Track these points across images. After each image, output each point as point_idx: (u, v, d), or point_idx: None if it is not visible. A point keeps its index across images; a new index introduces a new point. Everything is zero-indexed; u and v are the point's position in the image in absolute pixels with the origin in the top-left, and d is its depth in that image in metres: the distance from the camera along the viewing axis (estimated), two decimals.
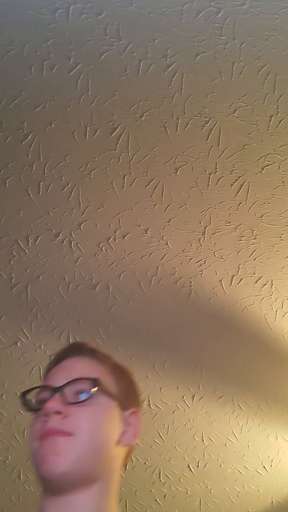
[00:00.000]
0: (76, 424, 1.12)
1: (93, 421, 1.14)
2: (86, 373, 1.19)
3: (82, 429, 1.11)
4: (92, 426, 1.13)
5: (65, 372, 1.19)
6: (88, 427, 1.12)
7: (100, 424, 1.15)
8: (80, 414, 1.13)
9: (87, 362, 1.23)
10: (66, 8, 1.49)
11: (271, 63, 1.59)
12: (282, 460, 2.55)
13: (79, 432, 1.11)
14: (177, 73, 1.61)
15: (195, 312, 2.12)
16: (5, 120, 1.69)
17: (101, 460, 1.13)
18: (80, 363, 1.22)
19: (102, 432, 1.14)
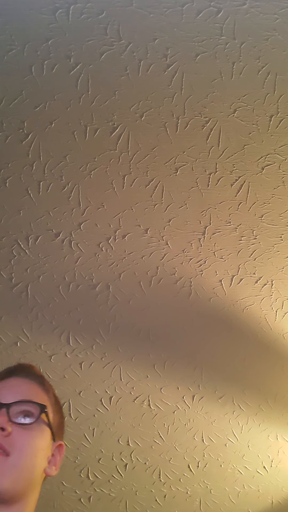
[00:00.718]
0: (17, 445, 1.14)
1: (32, 446, 1.17)
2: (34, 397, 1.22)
3: (21, 452, 1.14)
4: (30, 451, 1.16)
5: (13, 390, 1.21)
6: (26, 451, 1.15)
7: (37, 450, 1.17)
8: (22, 436, 1.16)
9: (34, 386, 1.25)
10: (67, 8, 1.49)
11: (271, 63, 1.59)
12: (282, 460, 2.55)
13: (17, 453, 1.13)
14: (177, 73, 1.61)
15: (195, 312, 2.12)
16: (5, 120, 1.69)
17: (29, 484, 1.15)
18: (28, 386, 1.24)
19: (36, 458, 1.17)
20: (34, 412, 1.19)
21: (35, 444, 1.17)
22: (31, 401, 1.20)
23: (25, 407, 1.19)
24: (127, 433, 2.45)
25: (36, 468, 1.17)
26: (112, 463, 2.55)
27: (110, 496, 2.67)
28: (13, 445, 1.14)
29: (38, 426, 1.19)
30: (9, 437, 1.14)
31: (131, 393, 2.33)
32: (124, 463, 2.56)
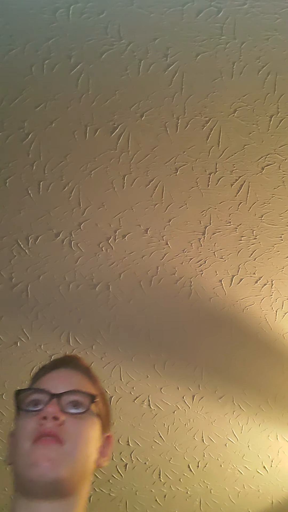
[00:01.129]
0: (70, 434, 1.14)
1: (85, 435, 1.17)
2: (83, 387, 1.23)
3: (74, 441, 1.14)
4: (83, 440, 1.16)
5: (62, 381, 1.22)
6: (80, 440, 1.16)
7: (89, 439, 1.18)
8: (74, 425, 1.16)
9: (82, 377, 1.26)
10: (67, 7, 1.49)
11: (271, 63, 1.59)
12: (282, 460, 2.55)
13: (71, 442, 1.14)
14: (178, 73, 1.61)
15: (195, 312, 2.13)
16: (5, 120, 1.69)
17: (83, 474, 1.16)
18: (76, 377, 1.26)
19: (89, 448, 1.17)
20: (84, 402, 1.19)
21: (87, 433, 1.18)
22: (81, 391, 1.20)
23: (76, 397, 1.19)
24: (127, 433, 2.45)
25: (90, 458, 1.17)
26: (112, 463, 2.55)
27: (110, 496, 2.67)
28: (67, 434, 1.14)
29: (89, 416, 1.19)
30: (63, 426, 1.14)
31: (131, 393, 2.33)
32: (124, 463, 2.56)
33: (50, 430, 1.13)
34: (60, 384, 1.21)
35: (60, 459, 1.11)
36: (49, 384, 1.22)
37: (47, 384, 1.22)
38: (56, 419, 1.14)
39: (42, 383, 1.23)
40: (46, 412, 1.14)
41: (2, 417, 2.39)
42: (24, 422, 1.18)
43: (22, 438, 1.16)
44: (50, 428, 1.13)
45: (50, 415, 1.14)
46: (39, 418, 1.15)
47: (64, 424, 1.15)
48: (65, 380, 1.23)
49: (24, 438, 1.15)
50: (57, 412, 1.15)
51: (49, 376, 1.25)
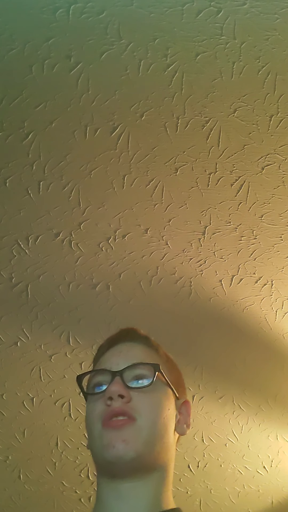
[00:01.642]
0: (140, 409, 1.12)
1: (156, 407, 1.14)
2: (144, 358, 1.19)
3: (146, 415, 1.12)
4: (155, 412, 1.14)
5: (122, 356, 1.19)
6: (151, 413, 1.13)
7: (162, 410, 1.15)
8: (143, 399, 1.13)
9: (142, 348, 1.22)
10: (67, 7, 1.49)
11: (271, 63, 1.59)
12: (282, 460, 2.55)
13: (143, 417, 1.11)
14: (178, 73, 1.61)
15: (195, 312, 2.12)
16: (5, 120, 1.69)
17: (163, 447, 1.13)
18: (136, 349, 1.22)
19: (163, 419, 1.15)
20: (148, 373, 1.16)
21: (158, 404, 1.15)
22: (143, 362, 1.17)
23: (139, 371, 1.16)
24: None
25: (167, 428, 1.15)
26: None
27: None
28: (137, 410, 1.11)
29: (157, 386, 1.16)
30: (131, 403, 1.12)
31: None
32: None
33: (118, 409, 1.11)
34: (121, 360, 1.18)
35: (134, 437, 1.09)
36: (109, 362, 1.19)
37: (108, 362, 1.19)
38: (122, 397, 1.11)
39: (103, 363, 1.20)
40: (111, 392, 1.12)
41: (2, 417, 2.39)
42: (92, 406, 1.16)
43: (92, 421, 1.14)
44: (118, 407, 1.11)
45: (115, 393, 1.11)
46: (105, 399, 1.12)
47: (132, 400, 1.12)
48: (125, 355, 1.19)
49: (94, 422, 1.13)
50: (121, 389, 1.12)
51: (109, 354, 1.21)
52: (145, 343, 1.24)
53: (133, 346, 1.22)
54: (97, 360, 1.25)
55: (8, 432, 2.44)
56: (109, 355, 1.21)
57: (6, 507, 2.68)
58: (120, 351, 1.21)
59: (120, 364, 1.17)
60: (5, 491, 2.64)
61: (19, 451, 2.49)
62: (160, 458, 1.12)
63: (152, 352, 1.23)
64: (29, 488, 2.61)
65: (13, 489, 2.63)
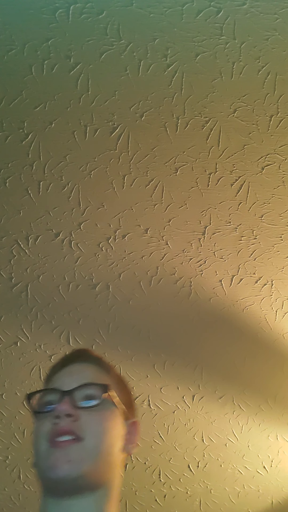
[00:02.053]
0: (87, 428, 1.13)
1: (103, 427, 1.16)
2: (95, 379, 1.21)
3: (93, 434, 1.13)
4: (102, 432, 1.15)
5: (74, 377, 1.21)
6: (98, 433, 1.14)
7: (109, 430, 1.16)
8: (90, 419, 1.14)
9: (93, 369, 1.24)
10: (67, 7, 1.49)
11: (271, 63, 1.59)
12: (282, 460, 2.55)
13: (89, 437, 1.12)
14: (177, 73, 1.61)
15: (195, 312, 2.12)
16: (5, 120, 1.69)
17: (108, 466, 1.15)
18: (88, 369, 1.23)
19: (110, 439, 1.16)
20: (98, 394, 1.17)
21: (105, 424, 1.16)
22: (92, 383, 1.19)
23: (89, 391, 1.17)
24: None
25: (113, 448, 1.16)
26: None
27: None
28: (84, 429, 1.12)
29: (105, 406, 1.17)
30: (78, 422, 1.12)
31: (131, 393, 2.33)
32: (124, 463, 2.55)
33: (65, 428, 1.11)
34: (72, 380, 1.19)
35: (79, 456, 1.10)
36: (60, 382, 1.20)
37: (59, 382, 1.20)
38: (70, 416, 1.12)
39: (54, 382, 1.22)
40: (58, 411, 1.13)
41: (2, 417, 2.39)
42: (39, 424, 1.16)
43: (39, 440, 1.14)
44: (65, 426, 1.11)
45: (63, 413, 1.12)
46: (52, 417, 1.13)
47: (80, 420, 1.13)
48: (77, 375, 1.21)
49: (41, 440, 1.13)
50: (69, 409, 1.13)
51: (61, 374, 1.23)
52: (97, 364, 1.26)
53: (85, 367, 1.24)
54: (49, 379, 1.26)
55: (8, 432, 2.44)
56: (61, 374, 1.23)
57: (6, 507, 2.68)
58: (71, 371, 1.23)
59: (71, 384, 1.18)
60: (5, 491, 2.64)
61: (19, 451, 2.49)
62: (105, 476, 1.14)
63: (104, 373, 1.25)
64: (29, 488, 2.61)
65: (13, 489, 2.63)
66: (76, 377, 1.20)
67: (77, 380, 1.19)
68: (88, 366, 1.24)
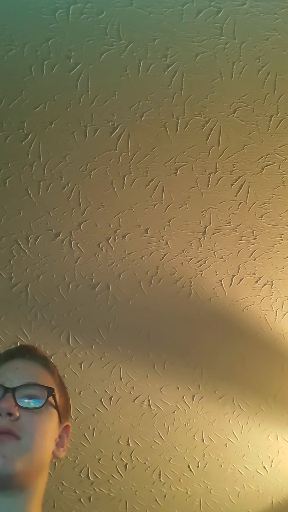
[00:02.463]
0: (26, 428, 1.13)
1: (41, 429, 1.15)
2: (40, 379, 1.20)
3: (31, 435, 1.13)
4: (40, 434, 1.14)
5: (18, 373, 1.19)
6: (36, 434, 1.14)
7: (46, 433, 1.16)
8: (30, 419, 1.14)
9: (38, 368, 1.23)
10: (67, 8, 1.49)
11: (271, 63, 1.59)
12: (282, 460, 2.55)
13: (27, 437, 1.12)
14: (177, 73, 1.61)
15: (195, 312, 2.12)
16: (5, 120, 1.69)
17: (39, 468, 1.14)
18: (32, 368, 1.22)
19: (46, 441, 1.16)
20: (41, 395, 1.17)
21: (44, 427, 1.16)
22: (38, 384, 1.18)
23: (32, 391, 1.17)
24: (127, 433, 2.45)
25: (46, 451, 1.16)
26: (111, 463, 2.55)
27: (110, 496, 2.67)
28: (23, 429, 1.12)
29: (46, 409, 1.17)
30: (19, 422, 1.12)
31: (131, 393, 2.33)
32: (124, 463, 2.56)
33: (4, 427, 1.11)
34: (16, 377, 1.18)
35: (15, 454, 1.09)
36: (3, 377, 1.19)
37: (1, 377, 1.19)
38: (11, 415, 1.12)
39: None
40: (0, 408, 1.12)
41: None
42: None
43: None
44: (4, 426, 1.11)
45: (4, 411, 1.12)
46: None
47: (20, 419, 1.13)
48: (21, 372, 1.20)
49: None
50: (11, 407, 1.12)
51: (4, 369, 1.22)
52: (42, 364, 1.25)
53: (30, 365, 1.22)
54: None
55: None
56: (4, 369, 1.21)
57: None
58: (16, 367, 1.21)
59: (14, 381, 1.17)
60: None
61: None
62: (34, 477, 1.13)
63: (48, 374, 1.24)
64: None
65: None
66: (20, 374, 1.19)
67: (21, 378, 1.18)
68: (33, 365, 1.23)
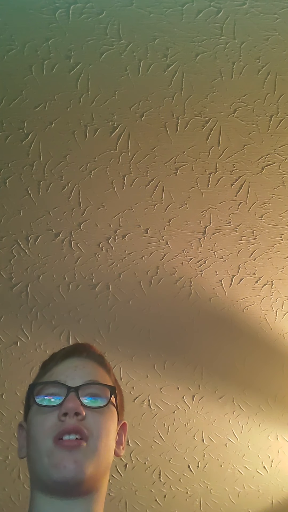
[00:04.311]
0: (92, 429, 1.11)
1: (106, 429, 1.13)
2: (99, 378, 1.18)
3: (97, 436, 1.11)
4: (105, 434, 1.13)
5: (78, 372, 1.17)
6: (102, 434, 1.12)
7: (110, 432, 1.14)
8: (96, 419, 1.12)
9: (96, 366, 1.21)
10: (67, 7, 1.49)
11: (271, 63, 1.59)
12: (282, 460, 2.55)
13: (94, 438, 1.10)
14: (177, 73, 1.61)
15: (195, 312, 2.12)
16: (5, 120, 1.69)
17: (106, 468, 1.13)
18: (91, 366, 1.20)
19: (110, 441, 1.14)
20: (103, 394, 1.15)
21: (108, 426, 1.14)
22: (99, 382, 1.16)
23: (93, 390, 1.15)
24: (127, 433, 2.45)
25: (111, 451, 1.14)
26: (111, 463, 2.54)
27: (110, 495, 2.67)
28: (90, 430, 1.10)
29: (108, 408, 1.15)
30: (85, 421, 1.10)
31: (131, 393, 2.33)
32: (124, 463, 2.56)
33: (73, 426, 1.09)
34: (77, 375, 1.16)
35: (85, 458, 1.07)
36: (63, 375, 1.16)
37: (62, 375, 1.16)
38: (78, 415, 1.10)
39: (56, 375, 1.17)
40: (67, 408, 1.10)
41: (2, 417, 2.39)
42: (41, 418, 1.12)
43: (41, 435, 1.10)
44: (73, 425, 1.09)
45: (72, 411, 1.09)
46: (59, 414, 1.10)
47: (86, 420, 1.10)
48: (81, 371, 1.17)
49: (44, 436, 1.10)
50: (78, 407, 1.10)
51: (63, 367, 1.19)
52: (100, 362, 1.23)
53: (88, 363, 1.20)
54: (48, 369, 1.22)
55: (7, 432, 2.44)
56: (63, 367, 1.19)
57: (6, 507, 2.68)
58: (76, 365, 1.19)
59: (76, 380, 1.15)
60: (5, 491, 2.64)
61: None
62: (102, 478, 1.13)
63: (105, 373, 1.22)
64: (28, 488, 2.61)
65: (12, 489, 2.63)
66: (80, 373, 1.17)
67: (81, 376, 1.16)
68: (91, 363, 1.21)
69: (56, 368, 1.20)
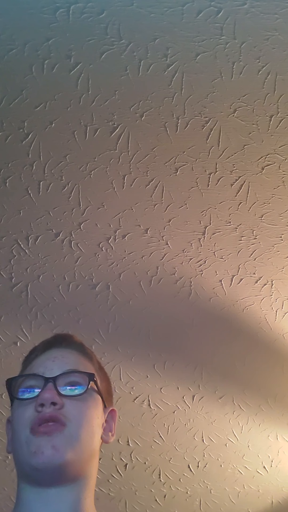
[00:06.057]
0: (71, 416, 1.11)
1: (86, 415, 1.13)
2: (79, 366, 1.18)
3: (76, 422, 1.11)
4: (85, 420, 1.13)
5: (56, 362, 1.17)
6: (81, 421, 1.12)
7: (91, 419, 1.14)
8: (74, 406, 1.12)
9: (76, 355, 1.21)
10: (67, 7, 1.49)
11: (271, 63, 1.59)
12: (282, 460, 2.55)
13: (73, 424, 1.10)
14: (178, 73, 1.61)
15: (195, 312, 2.12)
16: (5, 120, 1.69)
17: (89, 455, 1.13)
18: (70, 355, 1.20)
19: (92, 427, 1.14)
20: (82, 381, 1.15)
21: (89, 413, 1.14)
22: (78, 370, 1.16)
23: (73, 378, 1.15)
24: (127, 433, 2.45)
25: (94, 437, 1.14)
26: (111, 463, 2.55)
27: (110, 495, 2.67)
28: (68, 417, 1.10)
29: (88, 395, 1.15)
30: (63, 410, 1.10)
31: (131, 393, 2.33)
32: (124, 463, 2.56)
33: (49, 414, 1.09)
34: (55, 366, 1.16)
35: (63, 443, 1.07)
36: (42, 367, 1.17)
37: (41, 367, 1.17)
38: (55, 404, 1.10)
39: (35, 367, 1.18)
40: (43, 399, 1.10)
41: (2, 417, 2.38)
42: (20, 411, 1.13)
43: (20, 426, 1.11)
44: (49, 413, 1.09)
45: (48, 401, 1.10)
46: (36, 405, 1.11)
47: (64, 407, 1.11)
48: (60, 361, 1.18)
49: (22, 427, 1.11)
50: (54, 396, 1.10)
51: (42, 359, 1.20)
52: (80, 351, 1.23)
53: (68, 353, 1.21)
54: (28, 363, 1.22)
55: None
56: (42, 359, 1.20)
57: (6, 507, 2.68)
58: (54, 356, 1.19)
59: (54, 370, 1.15)
60: (5, 490, 2.64)
61: None
62: (86, 465, 1.12)
63: (87, 360, 1.22)
64: None
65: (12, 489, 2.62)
66: (59, 363, 1.17)
67: (60, 367, 1.16)
68: (71, 352, 1.21)
69: (35, 361, 1.21)
